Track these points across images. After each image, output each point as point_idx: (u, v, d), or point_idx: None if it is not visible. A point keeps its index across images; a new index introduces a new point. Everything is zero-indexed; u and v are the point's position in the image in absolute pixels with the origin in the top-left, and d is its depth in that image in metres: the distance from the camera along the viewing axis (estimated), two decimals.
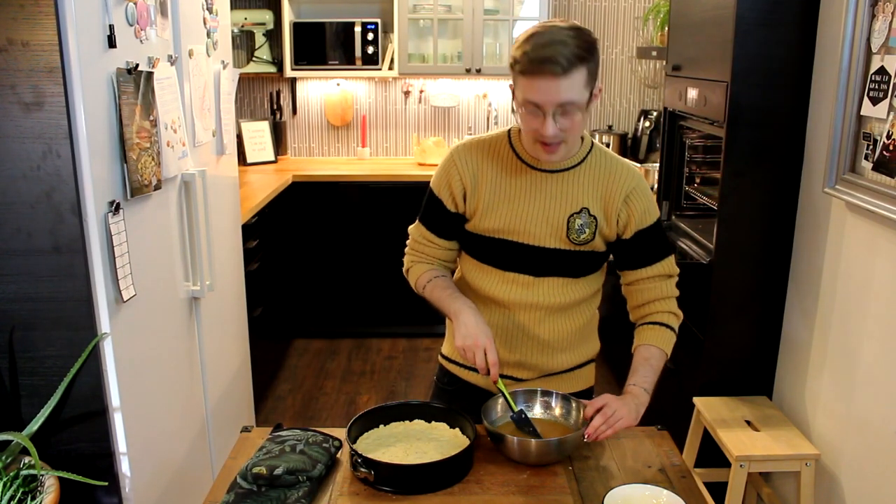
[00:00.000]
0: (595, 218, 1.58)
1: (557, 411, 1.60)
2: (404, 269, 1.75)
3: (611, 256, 1.68)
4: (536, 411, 1.60)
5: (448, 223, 1.66)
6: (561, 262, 1.61)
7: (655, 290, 1.65)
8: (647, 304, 1.66)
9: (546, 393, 1.62)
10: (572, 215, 1.58)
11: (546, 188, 1.58)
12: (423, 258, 1.70)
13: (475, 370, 1.69)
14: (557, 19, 1.47)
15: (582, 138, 1.61)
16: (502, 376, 1.57)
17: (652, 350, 1.62)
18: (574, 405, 1.59)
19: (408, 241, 1.73)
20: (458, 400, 1.71)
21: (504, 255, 1.62)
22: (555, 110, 1.43)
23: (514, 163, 1.60)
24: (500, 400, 1.58)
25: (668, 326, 1.64)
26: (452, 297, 1.61)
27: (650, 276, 1.64)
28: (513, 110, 1.53)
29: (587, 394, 1.75)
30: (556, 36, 1.41)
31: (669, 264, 1.65)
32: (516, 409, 1.55)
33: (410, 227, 1.73)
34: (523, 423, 1.54)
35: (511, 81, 1.50)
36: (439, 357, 1.83)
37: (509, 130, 1.64)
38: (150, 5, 1.92)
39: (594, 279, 1.68)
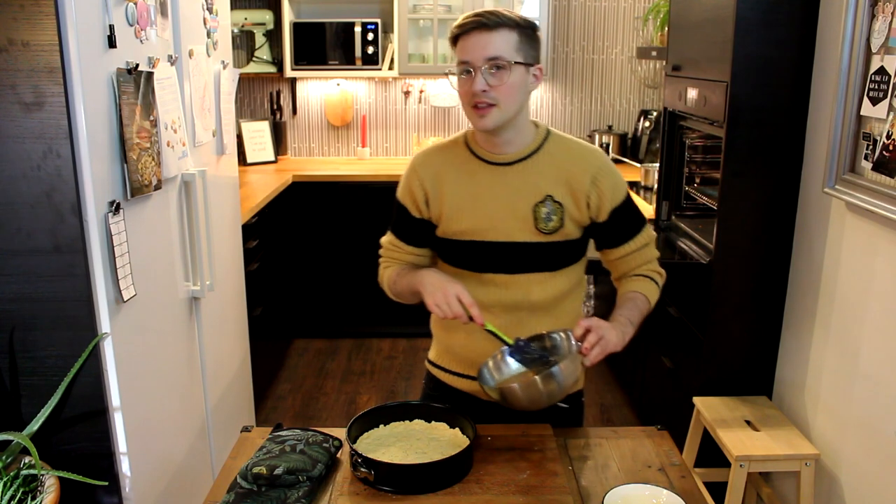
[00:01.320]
0: (561, 204, 1.57)
1: (547, 343, 1.54)
2: (378, 280, 1.74)
3: (591, 242, 1.67)
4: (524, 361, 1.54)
5: (415, 229, 1.66)
6: (534, 255, 1.59)
7: (638, 259, 1.66)
8: (631, 270, 1.68)
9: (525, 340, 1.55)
10: (536, 204, 1.57)
11: (506, 181, 1.58)
12: (392, 263, 1.71)
13: (461, 375, 1.68)
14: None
15: (536, 125, 1.61)
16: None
17: (638, 295, 1.62)
18: (560, 333, 1.53)
19: (380, 251, 1.73)
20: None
21: (477, 256, 1.61)
22: (484, 68, 1.47)
23: (470, 161, 1.60)
24: (491, 362, 1.54)
25: (652, 280, 1.66)
26: (413, 273, 1.61)
27: (632, 250, 1.65)
28: (453, 86, 1.56)
29: (577, 395, 1.74)
30: (490, 10, 1.50)
31: (647, 233, 1.66)
32: (511, 341, 1.50)
33: (382, 238, 1.73)
34: (526, 352, 1.51)
35: (449, 80, 1.56)
36: (426, 363, 1.82)
37: (466, 132, 1.65)
38: (150, 5, 1.92)
39: (573, 271, 1.65)
